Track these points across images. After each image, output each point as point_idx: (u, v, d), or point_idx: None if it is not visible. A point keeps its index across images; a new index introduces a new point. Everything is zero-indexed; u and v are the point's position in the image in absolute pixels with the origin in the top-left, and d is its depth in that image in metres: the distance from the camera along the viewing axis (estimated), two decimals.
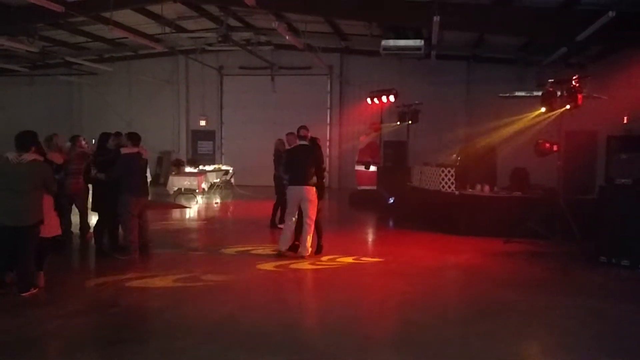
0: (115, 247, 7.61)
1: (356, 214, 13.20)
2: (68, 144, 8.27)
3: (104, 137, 7.87)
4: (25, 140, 5.83)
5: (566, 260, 7.63)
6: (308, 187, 7.54)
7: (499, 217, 9.25)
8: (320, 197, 7.72)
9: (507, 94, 14.31)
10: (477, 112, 16.44)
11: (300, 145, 7.85)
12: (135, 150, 7.34)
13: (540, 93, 13.72)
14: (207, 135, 21.00)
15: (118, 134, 7.84)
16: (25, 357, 4.14)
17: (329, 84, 19.65)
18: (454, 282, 6.93)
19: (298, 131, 7.94)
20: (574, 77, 8.20)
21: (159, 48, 15.71)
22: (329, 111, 19.73)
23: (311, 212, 7.56)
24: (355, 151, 16.07)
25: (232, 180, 17.96)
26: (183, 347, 4.33)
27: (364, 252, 8.53)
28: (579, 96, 7.90)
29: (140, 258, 7.37)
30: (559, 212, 8.30)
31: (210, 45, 18.37)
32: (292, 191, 7.68)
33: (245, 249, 8.32)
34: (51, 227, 6.00)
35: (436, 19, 9.93)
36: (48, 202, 5.98)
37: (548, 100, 8.45)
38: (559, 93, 8.33)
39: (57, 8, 9.60)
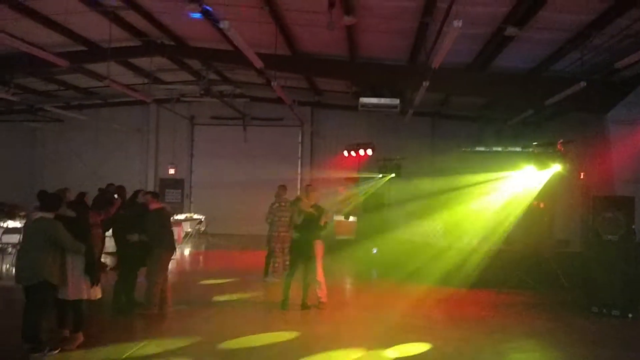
0: (132, 302, 7.54)
1: (337, 265, 13.41)
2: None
3: (134, 195, 8.04)
4: (47, 200, 5.91)
5: (562, 310, 8.23)
6: None
7: (488, 269, 9.79)
8: None
9: (469, 149, 15.31)
10: (442, 167, 17.37)
11: None
12: (161, 205, 7.47)
13: (499, 149, 14.80)
14: (176, 183, 20.86)
15: (148, 192, 7.95)
16: None
17: (300, 135, 20.19)
18: (468, 333, 7.25)
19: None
20: (559, 142, 9.06)
21: (138, 97, 15.71)
22: (299, 162, 20.17)
23: None
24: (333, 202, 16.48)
25: (204, 229, 17.90)
26: None
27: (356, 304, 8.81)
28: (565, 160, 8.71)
29: (159, 314, 7.38)
30: (546, 264, 8.97)
31: (184, 95, 18.60)
32: None
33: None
34: (76, 290, 5.83)
35: (425, 84, 10.69)
36: (74, 262, 5.85)
37: (537, 161, 9.22)
38: (545, 155, 9.13)
39: (63, 63, 9.59)
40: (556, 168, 9.19)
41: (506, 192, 10.50)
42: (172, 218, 8.62)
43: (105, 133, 19.93)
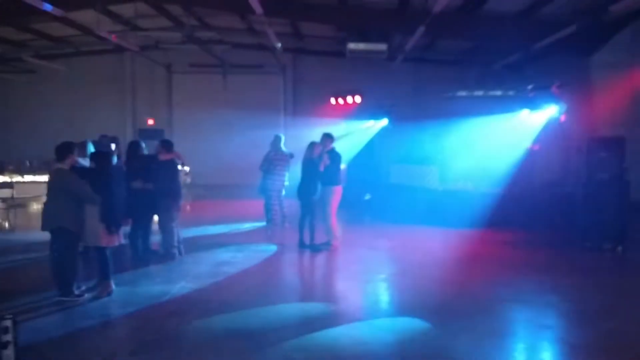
0: (149, 251, 7.68)
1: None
2: None
3: (134, 146, 8.05)
4: (58, 150, 6.04)
5: (556, 246, 8.77)
6: None
7: (484, 210, 10.21)
8: None
9: (451, 93, 15.45)
10: (433, 112, 17.50)
11: None
12: (170, 156, 7.54)
13: (480, 93, 14.97)
14: (155, 134, 20.40)
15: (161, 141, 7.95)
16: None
17: (282, 83, 19.94)
18: (468, 268, 7.67)
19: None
20: (554, 85, 9.32)
21: (126, 46, 15.15)
22: (282, 110, 20.02)
23: None
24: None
25: (190, 180, 17.85)
26: None
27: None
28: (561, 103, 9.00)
29: (178, 260, 7.64)
30: (540, 204, 9.43)
31: (160, 43, 17.96)
32: None
33: None
34: (93, 237, 5.97)
35: (421, 29, 10.68)
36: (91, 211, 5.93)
37: (532, 104, 9.50)
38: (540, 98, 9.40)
39: (57, 12, 9.13)
40: (551, 111, 9.50)
41: (501, 135, 10.79)
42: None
43: (79, 83, 19.26)
